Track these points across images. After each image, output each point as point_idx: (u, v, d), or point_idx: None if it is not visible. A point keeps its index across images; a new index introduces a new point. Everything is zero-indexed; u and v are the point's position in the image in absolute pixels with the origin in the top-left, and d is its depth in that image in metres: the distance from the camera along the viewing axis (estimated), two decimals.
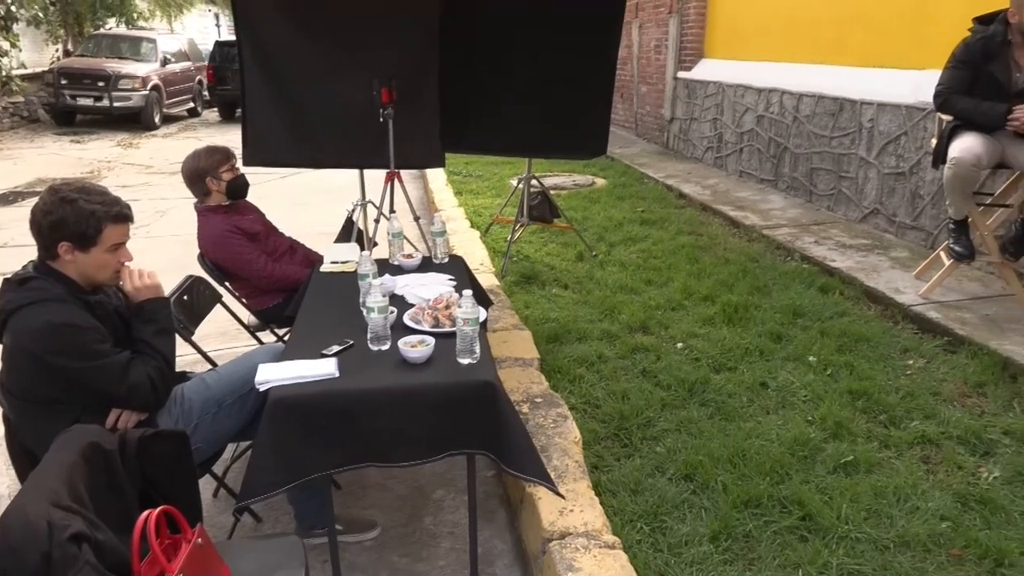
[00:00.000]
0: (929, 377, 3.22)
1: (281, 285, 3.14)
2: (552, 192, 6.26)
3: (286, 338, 2.86)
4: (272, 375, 2.01)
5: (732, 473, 2.56)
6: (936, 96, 3.69)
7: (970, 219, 3.77)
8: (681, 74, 8.54)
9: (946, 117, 3.76)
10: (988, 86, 3.52)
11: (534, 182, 5.21)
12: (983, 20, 3.60)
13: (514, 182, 5.98)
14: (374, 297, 2.17)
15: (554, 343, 3.64)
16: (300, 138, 4.23)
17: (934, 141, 3.89)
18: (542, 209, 5.24)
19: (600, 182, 7.49)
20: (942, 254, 3.98)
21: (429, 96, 4.23)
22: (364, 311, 2.24)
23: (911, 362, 3.38)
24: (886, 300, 3.99)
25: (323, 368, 2.04)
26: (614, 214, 6.07)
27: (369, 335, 2.20)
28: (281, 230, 3.45)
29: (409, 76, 4.10)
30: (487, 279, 4.21)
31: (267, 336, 3.17)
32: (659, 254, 5.01)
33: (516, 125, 4.49)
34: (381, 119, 3.94)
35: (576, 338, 3.71)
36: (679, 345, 3.61)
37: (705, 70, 8.12)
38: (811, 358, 3.40)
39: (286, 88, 4.11)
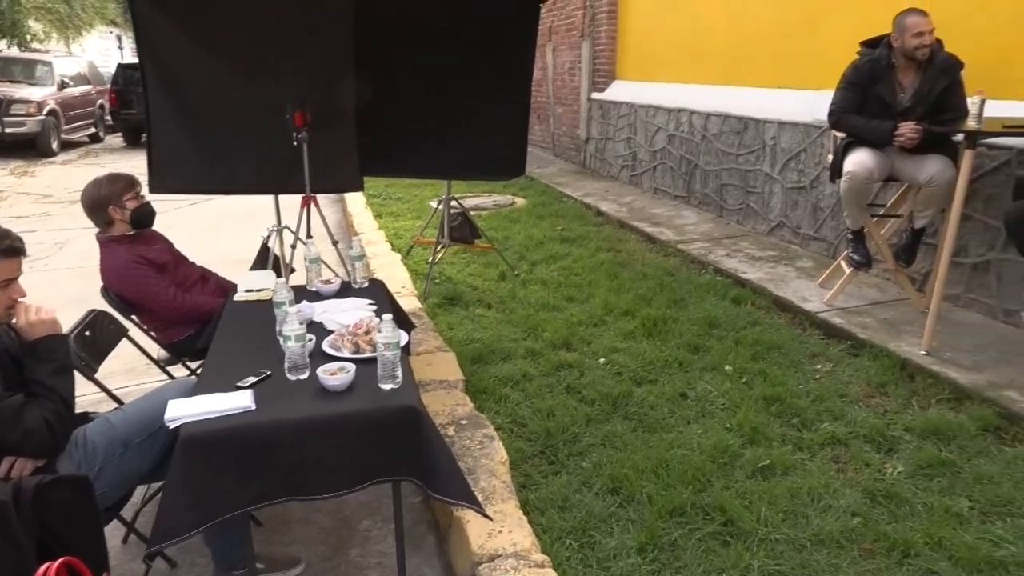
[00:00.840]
0: (836, 380, 3.39)
1: (192, 316, 3.02)
2: (473, 213, 6.28)
3: (199, 372, 2.75)
4: (183, 411, 1.92)
5: (656, 484, 2.61)
6: (830, 115, 3.92)
7: (866, 229, 4.00)
8: (595, 95, 8.77)
9: (840, 134, 4.00)
10: (876, 105, 3.77)
11: (454, 203, 5.21)
12: (870, 44, 3.86)
13: (434, 204, 5.97)
14: (291, 325, 2.12)
15: (479, 364, 3.64)
16: (210, 163, 4.09)
17: (830, 157, 4.13)
18: (463, 230, 5.25)
19: (520, 202, 7.57)
20: (842, 263, 4.20)
21: (346, 119, 4.18)
22: (281, 340, 2.18)
23: (819, 366, 3.54)
24: (794, 308, 4.18)
25: (238, 401, 1.97)
26: (535, 233, 6.14)
27: (287, 364, 2.15)
28: (193, 259, 3.33)
29: (324, 99, 4.04)
30: (409, 302, 4.17)
31: (179, 370, 3.03)
32: (580, 271, 5.09)
33: (435, 148, 4.49)
34: (295, 143, 3.86)
35: (501, 358, 3.72)
36: (602, 360, 3.67)
37: (618, 91, 8.36)
38: (727, 367, 3.52)
39: (194, 112, 3.98)
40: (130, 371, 3.37)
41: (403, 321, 3.01)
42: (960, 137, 3.42)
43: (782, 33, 5.58)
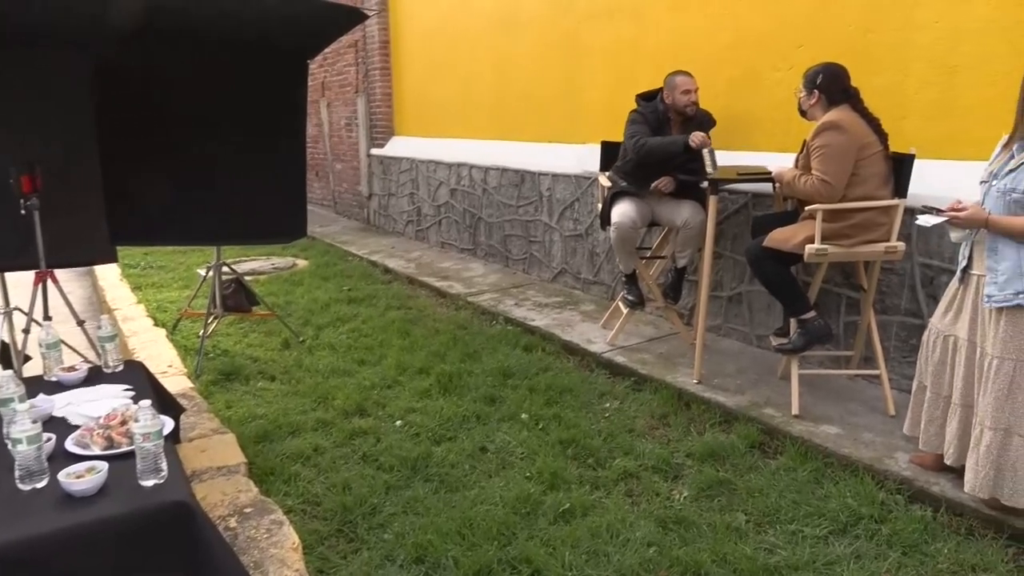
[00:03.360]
0: (624, 416, 3.56)
1: None
2: (249, 278, 5.91)
3: None
4: None
5: (462, 545, 2.52)
6: (634, 144, 4.01)
7: (637, 271, 4.32)
8: (374, 151, 8.75)
9: (606, 184, 4.31)
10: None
11: (226, 269, 4.84)
12: (646, 97, 4.19)
13: (203, 271, 5.51)
14: (21, 425, 1.79)
15: (263, 442, 3.34)
16: None
17: (600, 206, 4.43)
18: (237, 298, 4.88)
19: (302, 263, 7.25)
20: (620, 304, 4.49)
21: (91, 183, 3.71)
22: (9, 444, 1.83)
23: (608, 404, 3.71)
24: (581, 351, 4.38)
25: None
26: (319, 295, 5.89)
27: (17, 473, 1.81)
28: None
29: (62, 161, 3.56)
30: (178, 382, 3.74)
31: None
32: (370, 332, 4.94)
33: (201, 212, 4.15)
34: (23, 211, 3.34)
35: (288, 433, 3.44)
36: (398, 423, 3.54)
37: (397, 147, 8.42)
38: (523, 415, 3.56)
39: None
40: None
41: (169, 405, 2.69)
42: (705, 184, 3.83)
43: (548, 93, 5.96)
